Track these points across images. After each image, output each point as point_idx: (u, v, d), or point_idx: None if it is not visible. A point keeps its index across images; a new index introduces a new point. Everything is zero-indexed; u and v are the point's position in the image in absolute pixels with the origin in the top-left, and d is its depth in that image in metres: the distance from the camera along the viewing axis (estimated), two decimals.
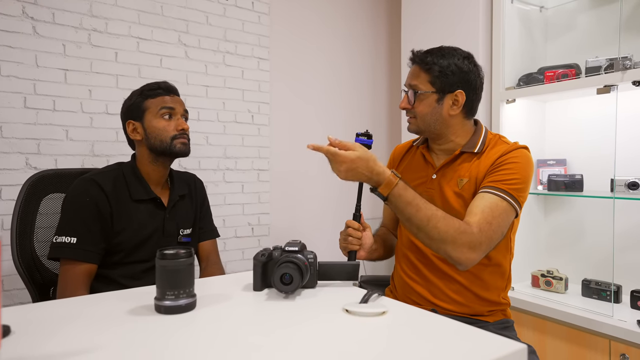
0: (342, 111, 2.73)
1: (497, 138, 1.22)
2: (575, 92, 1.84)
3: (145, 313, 0.79)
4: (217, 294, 0.91)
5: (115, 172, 1.28)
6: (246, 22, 2.31)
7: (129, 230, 1.23)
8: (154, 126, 1.26)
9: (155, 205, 1.30)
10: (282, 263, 0.90)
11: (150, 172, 1.30)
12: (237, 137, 2.29)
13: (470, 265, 1.05)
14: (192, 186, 1.43)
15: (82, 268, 1.16)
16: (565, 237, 2.05)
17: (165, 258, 0.79)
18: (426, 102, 1.17)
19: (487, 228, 1.04)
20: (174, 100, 1.30)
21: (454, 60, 1.15)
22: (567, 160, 2.05)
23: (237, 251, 2.31)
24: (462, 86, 1.16)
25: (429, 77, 1.15)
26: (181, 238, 1.35)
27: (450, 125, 1.19)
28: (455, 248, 1.02)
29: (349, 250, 1.19)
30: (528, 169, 1.13)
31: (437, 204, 1.19)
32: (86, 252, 1.16)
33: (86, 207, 1.18)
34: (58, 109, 1.80)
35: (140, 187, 1.27)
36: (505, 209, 1.07)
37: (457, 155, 1.20)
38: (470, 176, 1.16)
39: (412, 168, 1.30)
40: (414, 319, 0.78)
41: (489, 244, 1.05)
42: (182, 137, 1.28)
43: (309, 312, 0.81)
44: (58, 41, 1.79)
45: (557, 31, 2.13)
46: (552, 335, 1.76)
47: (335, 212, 2.66)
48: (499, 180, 1.10)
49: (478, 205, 1.07)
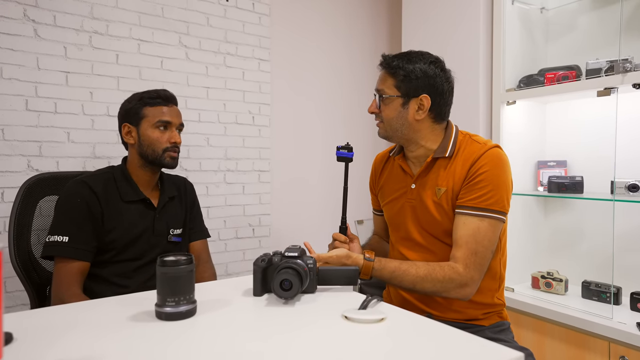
0: (343, 111, 2.73)
1: (468, 138, 1.19)
2: (575, 94, 1.84)
3: (146, 319, 0.80)
4: (217, 299, 0.92)
5: (106, 175, 1.32)
6: (247, 24, 2.31)
7: (119, 229, 1.27)
8: (149, 135, 1.31)
9: (145, 206, 1.34)
10: (282, 269, 0.91)
11: (140, 175, 1.35)
12: (237, 138, 2.30)
13: (469, 296, 1.10)
14: (182, 189, 1.48)
15: (74, 266, 1.20)
16: (566, 238, 2.06)
17: (166, 265, 0.80)
18: (391, 106, 1.17)
19: (474, 260, 1.07)
20: (171, 112, 1.34)
21: (420, 64, 1.14)
22: (568, 162, 2.05)
23: (238, 252, 2.32)
24: (427, 90, 1.14)
25: (394, 81, 1.15)
26: (171, 237, 1.38)
27: (417, 129, 1.18)
28: (450, 294, 1.08)
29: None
30: (500, 173, 1.11)
31: (419, 214, 1.21)
32: (78, 250, 1.20)
33: (77, 208, 1.22)
34: (59, 111, 1.80)
35: (129, 189, 1.32)
36: (487, 228, 1.09)
37: (430, 162, 1.19)
38: (447, 185, 1.16)
39: (392, 179, 1.31)
40: (412, 326, 0.79)
41: (480, 272, 1.09)
42: (174, 150, 1.33)
43: (308, 318, 0.82)
44: (59, 44, 1.79)
45: (558, 32, 2.12)
46: (552, 336, 1.76)
47: (335, 212, 2.66)
48: (474, 197, 1.10)
49: (461, 235, 1.10)
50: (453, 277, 1.06)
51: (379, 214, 1.42)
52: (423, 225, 1.21)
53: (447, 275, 1.07)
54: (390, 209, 1.29)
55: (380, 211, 1.40)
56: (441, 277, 1.07)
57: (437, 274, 1.07)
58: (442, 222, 1.16)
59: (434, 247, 1.20)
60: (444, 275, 1.07)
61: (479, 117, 2.08)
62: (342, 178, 1.24)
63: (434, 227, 1.18)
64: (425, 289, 1.08)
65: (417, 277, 1.08)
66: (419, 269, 1.08)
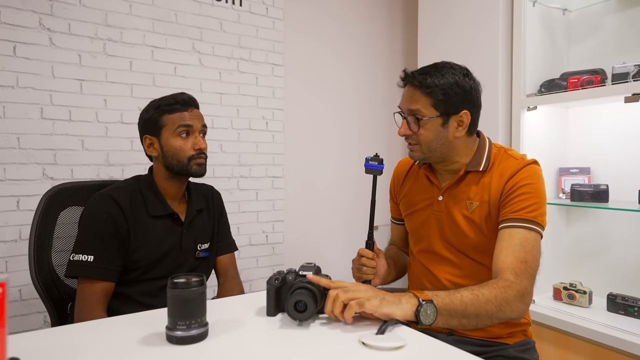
0: (358, 118, 2.69)
1: (503, 152, 1.14)
2: (600, 99, 1.76)
3: (157, 342, 0.77)
4: (230, 319, 0.89)
5: (132, 187, 1.26)
6: (260, 28, 2.28)
7: (146, 247, 1.21)
8: (171, 145, 1.23)
9: (173, 221, 1.27)
10: (296, 289, 0.87)
11: (167, 187, 1.28)
12: (251, 144, 2.28)
13: (526, 311, 1.00)
14: (209, 199, 1.41)
15: (99, 286, 1.15)
16: (589, 248, 1.98)
17: (177, 287, 0.77)
18: (430, 127, 1.08)
19: (524, 267, 0.99)
20: (192, 116, 1.25)
21: (455, 78, 1.07)
22: (591, 169, 1.98)
23: (252, 259, 2.30)
24: (466, 106, 1.09)
25: (432, 100, 1.06)
26: (199, 253, 1.32)
27: (455, 147, 1.12)
28: (511, 306, 0.93)
29: (363, 280, 1.16)
30: (542, 187, 1.08)
31: (446, 227, 1.15)
32: (103, 270, 1.15)
33: (103, 224, 1.17)
34: (74, 119, 1.80)
35: (157, 203, 1.25)
36: (534, 239, 1.03)
37: (462, 175, 1.14)
38: (481, 200, 1.11)
39: (417, 189, 1.25)
40: (433, 354, 0.75)
41: (532, 282, 1.01)
42: (200, 157, 1.25)
43: (324, 342, 0.79)
44: (74, 51, 1.79)
45: (581, 34, 2.05)
46: (576, 352, 1.70)
47: (350, 219, 2.63)
48: (519, 209, 1.05)
49: (506, 246, 1.02)
50: (507, 285, 0.94)
51: (398, 222, 1.38)
52: (449, 240, 1.16)
53: (501, 285, 0.93)
54: (414, 220, 1.25)
55: (399, 220, 1.36)
56: (495, 292, 0.92)
57: (487, 291, 0.92)
58: (472, 237, 1.11)
59: (461, 262, 1.15)
60: (497, 287, 0.93)
61: (499, 123, 2.02)
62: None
63: (461, 242, 1.14)
64: (488, 312, 0.91)
65: (476, 298, 0.90)
66: (472, 291, 0.91)
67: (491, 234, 1.10)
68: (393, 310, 0.84)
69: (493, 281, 0.97)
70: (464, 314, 0.90)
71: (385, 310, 0.84)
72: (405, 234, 1.34)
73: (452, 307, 0.88)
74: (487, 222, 1.10)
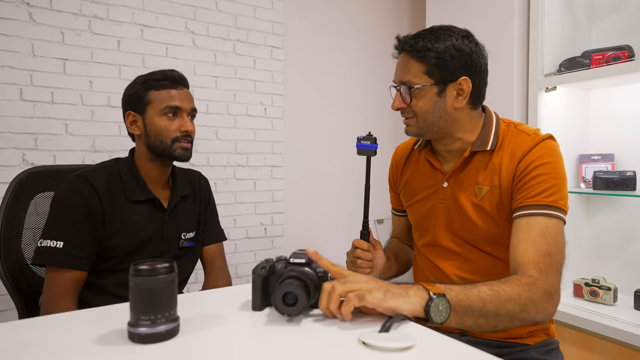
0: (361, 102, 2.55)
1: (513, 128, 1.00)
2: (627, 77, 1.61)
3: (116, 341, 0.64)
4: (208, 314, 0.77)
5: (110, 169, 1.16)
6: (258, 8, 2.16)
7: (123, 234, 1.12)
8: (155, 124, 1.13)
9: (154, 207, 1.17)
10: (286, 279, 0.74)
11: (149, 170, 1.18)
12: (248, 131, 2.15)
13: (555, 312, 0.86)
14: (196, 185, 1.31)
15: (68, 275, 1.05)
16: (613, 241, 1.83)
17: (140, 275, 0.64)
18: (425, 97, 0.96)
19: (548, 262, 0.85)
20: (181, 95, 1.15)
21: (451, 41, 0.94)
22: (615, 156, 1.82)
23: (249, 253, 2.17)
24: (465, 72, 0.95)
25: (424, 66, 0.94)
26: (183, 243, 1.22)
27: (456, 120, 0.99)
28: (537, 307, 0.80)
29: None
30: (561, 166, 0.93)
31: (453, 217, 1.02)
32: (73, 257, 1.05)
33: (75, 208, 1.07)
34: (57, 102, 1.69)
35: (137, 187, 1.15)
36: (556, 227, 0.88)
37: (467, 157, 1.00)
38: (491, 184, 0.97)
39: (418, 176, 1.12)
40: (447, 356, 0.62)
41: (558, 277, 0.86)
42: (185, 140, 1.15)
43: (317, 341, 0.66)
44: (56, 29, 1.68)
45: (604, 10, 1.89)
46: (601, 354, 1.55)
47: (354, 211, 2.49)
48: (536, 194, 0.90)
49: (525, 237, 0.87)
50: (532, 283, 0.80)
51: (399, 214, 1.24)
52: (456, 231, 1.02)
53: (525, 282, 0.80)
54: (417, 211, 1.11)
55: (401, 211, 1.22)
56: (518, 289, 0.79)
57: (509, 287, 0.79)
58: (482, 227, 0.98)
59: (470, 255, 1.01)
60: (521, 284, 0.80)
61: (513, 105, 1.87)
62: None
63: (471, 233, 1.00)
64: (510, 312, 0.78)
65: (497, 295, 0.77)
66: (491, 287, 0.78)
67: (504, 222, 0.96)
68: (399, 304, 0.71)
69: (515, 277, 0.82)
70: (481, 312, 0.76)
71: (390, 304, 0.70)
72: (408, 226, 1.21)
73: (467, 304, 0.74)
74: (498, 210, 0.96)
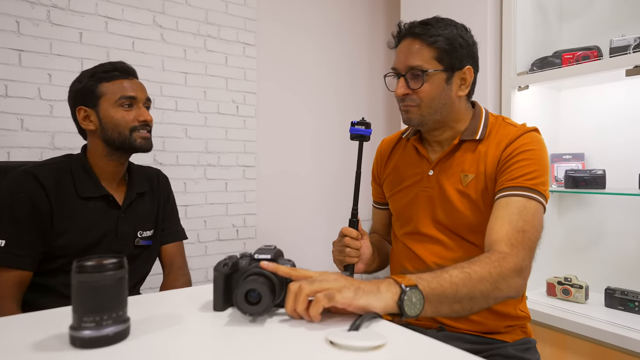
0: (336, 101, 2.52)
1: (501, 120, 1.03)
2: (596, 77, 1.64)
3: (57, 347, 0.58)
4: (165, 314, 0.70)
5: (60, 165, 1.10)
6: (230, 4, 2.10)
7: (73, 232, 1.06)
8: (112, 116, 1.09)
9: (108, 204, 1.12)
10: (249, 276, 0.69)
11: (104, 166, 1.13)
12: (220, 129, 2.08)
13: (524, 288, 0.84)
14: (154, 182, 1.26)
15: (11, 275, 1.00)
16: (584, 239, 1.85)
17: (84, 271, 0.58)
18: (434, 83, 0.95)
19: (521, 238, 0.83)
20: (134, 85, 1.12)
21: (458, 31, 0.97)
22: (585, 155, 1.85)
23: (220, 256, 2.09)
24: (470, 62, 0.98)
25: (435, 52, 0.94)
26: (139, 241, 1.17)
27: (456, 109, 1.00)
28: (508, 283, 0.78)
29: (345, 263, 0.99)
30: (545, 156, 0.95)
31: (437, 205, 1.01)
32: (16, 257, 1.00)
33: (19, 204, 1.02)
34: (11, 95, 1.59)
35: (89, 183, 1.10)
36: (535, 209, 0.88)
37: (456, 145, 1.00)
38: (477, 171, 0.97)
39: (404, 165, 1.10)
40: (420, 353, 0.58)
41: (530, 254, 0.85)
42: (144, 129, 1.12)
43: (282, 342, 0.61)
44: (10, 17, 1.58)
45: (573, 11, 1.92)
46: (573, 351, 1.55)
47: (328, 212, 2.45)
48: (517, 176, 0.91)
49: (502, 215, 0.87)
50: (502, 258, 0.78)
51: (381, 207, 1.22)
52: (440, 219, 1.00)
53: (494, 259, 0.78)
54: (399, 200, 1.09)
55: (383, 204, 1.20)
56: (488, 267, 0.76)
57: (479, 267, 0.76)
58: (466, 214, 0.97)
59: (452, 243, 0.99)
60: (490, 261, 0.77)
61: (487, 104, 1.87)
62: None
63: (455, 221, 0.98)
64: (483, 292, 0.75)
65: (468, 277, 0.74)
66: (462, 269, 0.75)
67: (488, 209, 0.94)
68: (371, 302, 0.66)
69: (484, 255, 0.80)
70: (455, 297, 0.72)
71: (362, 302, 0.66)
72: (388, 220, 1.19)
73: (441, 291, 0.71)
74: (483, 197, 0.96)
